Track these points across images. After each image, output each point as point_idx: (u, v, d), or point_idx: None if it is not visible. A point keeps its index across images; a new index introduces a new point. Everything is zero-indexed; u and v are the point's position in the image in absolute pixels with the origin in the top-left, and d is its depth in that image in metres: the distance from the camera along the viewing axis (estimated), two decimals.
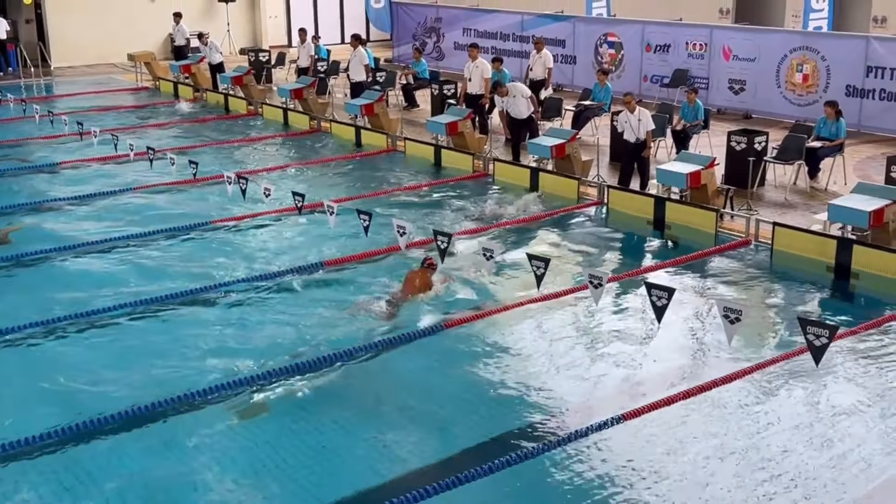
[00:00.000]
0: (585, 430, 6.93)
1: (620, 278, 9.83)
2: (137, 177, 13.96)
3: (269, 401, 7.49)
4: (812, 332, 6.40)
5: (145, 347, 8.43)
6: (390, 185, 13.83)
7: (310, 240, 11.24)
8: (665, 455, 6.75)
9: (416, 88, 19.50)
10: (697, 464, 6.62)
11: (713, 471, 6.54)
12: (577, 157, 13.54)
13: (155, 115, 19.39)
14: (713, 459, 6.67)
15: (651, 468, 6.57)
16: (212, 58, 21.46)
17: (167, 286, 9.67)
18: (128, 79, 23.32)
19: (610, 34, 20.26)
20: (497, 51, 21.60)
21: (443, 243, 8.59)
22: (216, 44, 21.85)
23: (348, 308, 9.21)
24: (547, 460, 6.62)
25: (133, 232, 11.41)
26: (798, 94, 17.05)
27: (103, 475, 6.45)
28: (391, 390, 7.75)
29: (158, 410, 7.24)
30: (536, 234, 11.53)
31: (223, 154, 15.82)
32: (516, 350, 8.42)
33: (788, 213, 11.87)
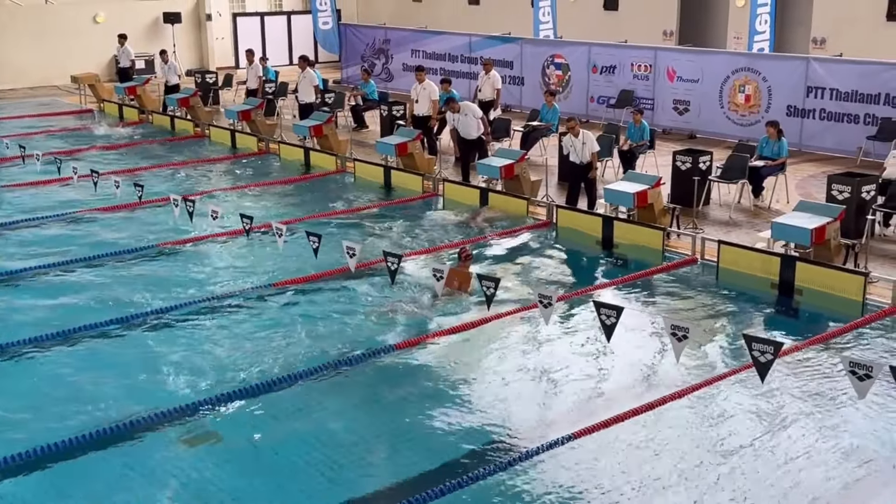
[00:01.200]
0: (536, 450, 6.93)
1: (570, 297, 9.90)
2: (82, 200, 13.71)
3: (218, 427, 7.37)
4: (757, 348, 6.50)
5: (89, 374, 8.26)
6: (340, 206, 13.78)
7: (259, 261, 11.14)
8: (615, 473, 6.78)
9: (365, 110, 19.51)
10: (647, 481, 6.66)
11: (663, 487, 6.58)
12: (526, 178, 13.63)
13: (100, 137, 19.09)
14: (663, 476, 6.71)
15: (601, 486, 6.59)
16: (170, 78, 21.23)
17: (110, 310, 9.49)
18: (72, 101, 22.96)
19: (557, 55, 20.49)
20: (446, 72, 21.71)
21: (392, 264, 8.57)
22: (176, 65, 21.65)
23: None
24: (498, 481, 6.60)
25: (77, 256, 11.19)
26: (741, 115, 17.39)
27: None
28: (341, 412, 7.68)
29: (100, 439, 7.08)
30: (486, 254, 11.56)
31: (170, 176, 15.63)
32: (467, 370, 8.41)
33: (733, 232, 12.08)
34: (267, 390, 7.88)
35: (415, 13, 28.30)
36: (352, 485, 6.58)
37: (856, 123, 15.86)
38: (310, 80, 18.62)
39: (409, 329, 9.18)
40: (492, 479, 6.60)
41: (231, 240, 11.84)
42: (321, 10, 24.99)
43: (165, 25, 26.65)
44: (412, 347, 8.77)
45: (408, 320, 9.40)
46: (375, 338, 8.97)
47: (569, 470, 6.79)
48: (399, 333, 9.07)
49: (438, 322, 9.34)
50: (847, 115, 15.97)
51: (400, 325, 9.28)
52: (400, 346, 8.75)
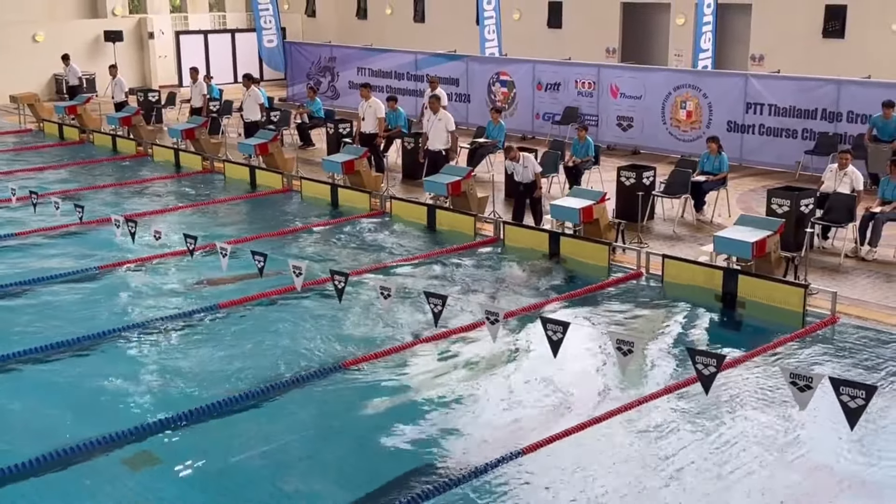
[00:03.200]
0: (484, 467, 6.92)
1: (517, 313, 9.92)
2: (20, 222, 13.41)
3: (162, 449, 7.24)
4: (701, 361, 6.58)
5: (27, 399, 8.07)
6: (286, 224, 13.68)
7: (203, 283, 10.98)
8: (561, 489, 6.79)
9: (311, 127, 19.43)
10: (592, 497, 6.68)
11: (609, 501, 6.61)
12: (473, 194, 13.68)
13: (39, 157, 18.71)
14: (608, 492, 6.74)
15: (547, 501, 6.59)
16: (116, 94, 20.93)
17: (51, 333, 9.28)
18: (10, 121, 22.50)
19: (502, 73, 20.65)
20: (392, 89, 21.75)
21: (340, 283, 8.52)
22: (123, 81, 21.34)
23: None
24: (446, 500, 6.57)
25: (15, 279, 10.92)
26: (682, 130, 17.69)
27: None
28: (287, 433, 7.58)
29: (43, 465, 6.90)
30: (434, 271, 11.56)
31: (112, 197, 15.37)
32: (414, 388, 8.37)
33: (677, 245, 12.24)
34: (214, 412, 7.77)
35: (360, 31, 28.34)
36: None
37: (794, 138, 16.23)
38: (255, 98, 18.49)
39: (356, 347, 9.12)
40: (438, 498, 6.56)
41: (175, 260, 11.67)
42: (266, 28, 24.86)
43: (107, 44, 26.29)
44: (360, 364, 8.71)
45: (355, 339, 9.34)
46: (323, 356, 8.90)
47: (515, 487, 6.78)
48: (347, 351, 9.01)
49: (386, 340, 9.30)
50: (785, 130, 16.33)
51: (347, 344, 9.22)
52: (347, 364, 8.69)
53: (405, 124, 17.29)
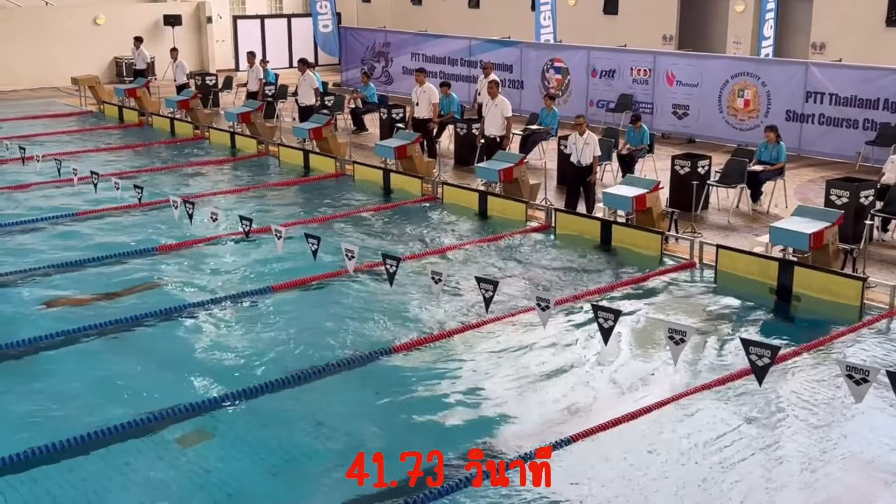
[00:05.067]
0: (531, 454, 6.93)
1: (567, 301, 9.91)
2: (81, 202, 13.73)
3: (215, 427, 7.38)
4: (754, 352, 6.50)
5: (88, 375, 8.27)
6: (339, 209, 13.80)
7: (258, 264, 11.15)
8: (611, 477, 6.79)
9: (365, 112, 19.53)
10: (640, 484, 6.66)
11: (656, 490, 6.59)
12: (525, 181, 13.65)
13: (99, 139, 19.12)
14: (657, 481, 6.72)
15: (597, 490, 6.60)
16: (178, 77, 21.26)
17: (109, 312, 9.50)
18: (71, 103, 22.99)
19: (556, 59, 20.53)
20: (445, 75, 21.76)
21: (391, 267, 8.59)
22: (184, 64, 21.67)
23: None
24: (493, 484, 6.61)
25: (76, 258, 11.20)
26: (740, 119, 17.42)
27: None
28: (337, 414, 7.67)
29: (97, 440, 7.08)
30: (485, 257, 11.58)
31: (169, 178, 15.65)
32: (464, 373, 8.41)
33: (731, 236, 12.09)
34: (265, 392, 7.89)
35: (415, 16, 28.37)
36: (348, 485, 6.58)
37: (854, 128, 15.90)
38: (309, 82, 18.64)
39: (407, 331, 9.19)
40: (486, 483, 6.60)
41: (230, 242, 11.85)
42: (321, 14, 25.03)
43: (166, 28, 26.69)
44: (410, 350, 8.78)
45: (406, 323, 9.41)
46: (374, 340, 8.98)
47: (566, 472, 6.79)
48: (397, 336, 9.08)
49: (437, 325, 9.36)
50: (846, 121, 16.00)
51: (398, 328, 9.29)
52: (398, 349, 8.76)
53: (458, 110, 17.29)
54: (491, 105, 15.15)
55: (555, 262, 11.49)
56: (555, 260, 11.59)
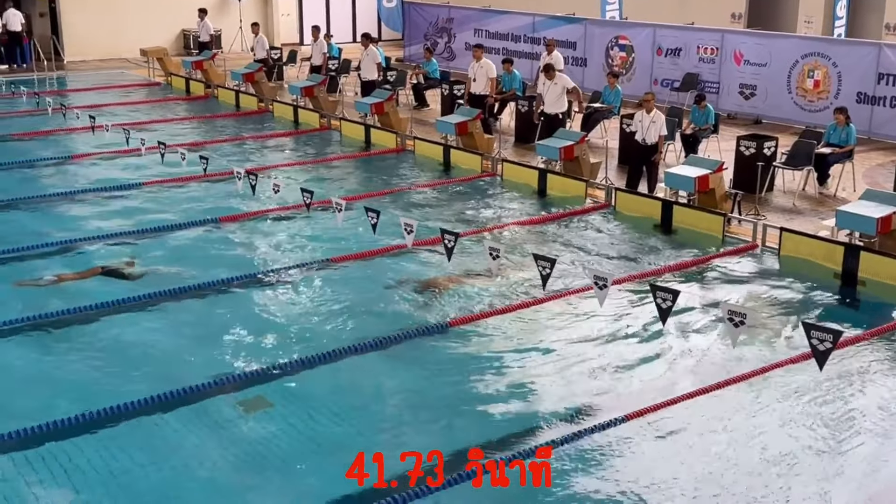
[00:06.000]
0: (589, 430, 6.95)
1: (626, 280, 9.85)
2: (148, 171, 14.04)
3: (273, 395, 7.52)
4: (816, 336, 6.41)
5: (151, 340, 8.49)
6: (398, 183, 13.87)
7: (317, 236, 11.29)
8: (664, 457, 6.76)
9: (427, 88, 19.54)
10: (694, 466, 6.63)
11: (709, 472, 6.55)
12: (586, 160, 13.55)
13: (166, 110, 19.48)
14: (711, 464, 6.68)
15: (649, 470, 6.58)
16: (259, 52, 21.49)
17: (172, 280, 9.72)
18: (140, 74, 23.43)
19: (621, 37, 20.27)
20: (508, 52, 21.64)
21: (450, 242, 8.63)
22: (265, 39, 21.87)
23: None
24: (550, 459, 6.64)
25: (142, 227, 11.47)
26: (809, 100, 17.03)
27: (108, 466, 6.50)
28: (393, 387, 7.77)
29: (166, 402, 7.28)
30: (543, 234, 11.56)
31: (233, 150, 15.89)
32: (520, 350, 8.43)
33: (796, 219, 11.87)
34: (322, 362, 8.01)
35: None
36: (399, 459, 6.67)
37: None
38: (372, 57, 18.71)
39: (463, 307, 9.24)
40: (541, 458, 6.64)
41: (291, 214, 12.01)
42: None
43: (233, 1, 26.95)
44: (466, 325, 8.83)
45: (463, 298, 9.46)
46: (430, 315, 9.05)
47: (618, 452, 6.79)
48: (454, 311, 9.14)
49: (493, 301, 9.38)
50: None
51: (455, 303, 9.34)
52: (454, 323, 8.82)
53: (520, 87, 17.21)
54: (550, 84, 14.99)
55: (613, 242, 11.41)
56: (613, 239, 11.51)
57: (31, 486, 6.24)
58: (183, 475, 6.45)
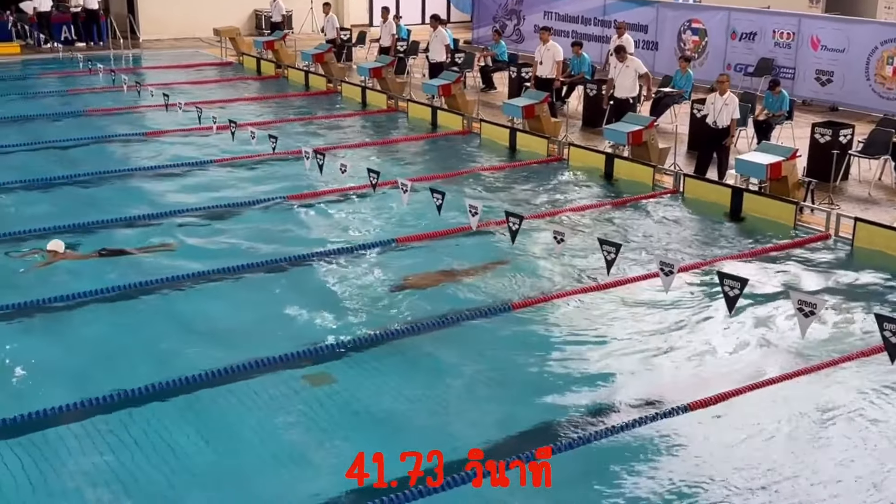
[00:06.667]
0: (651, 417, 6.90)
1: (692, 267, 9.71)
2: (219, 149, 14.29)
3: (337, 371, 7.62)
4: (889, 328, 6.24)
5: (219, 315, 8.66)
6: (464, 166, 13.87)
7: (383, 216, 11.37)
8: (727, 446, 6.68)
9: (494, 71, 19.46)
10: (756, 459, 6.53)
11: (774, 464, 6.45)
12: (654, 145, 13.37)
13: (237, 89, 19.77)
14: (772, 458, 6.57)
15: (713, 458, 6.51)
16: (329, 32, 21.66)
17: (240, 257, 9.89)
18: (212, 53, 23.79)
19: (694, 20, 19.90)
20: (577, 35, 21.41)
21: (514, 225, 8.61)
22: (335, 19, 22.04)
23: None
24: (609, 444, 6.61)
25: (212, 203, 11.69)
26: (887, 88, 16.52)
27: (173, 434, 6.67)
28: (458, 365, 7.80)
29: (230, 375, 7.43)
30: (608, 219, 11.46)
31: (302, 130, 16.06)
32: (583, 334, 8.39)
33: (871, 209, 11.56)
34: (383, 340, 8.09)
35: None
36: (461, 438, 6.69)
37: None
38: (441, 39, 18.70)
39: (527, 290, 9.22)
40: (603, 442, 6.61)
41: (358, 194, 12.11)
42: None
43: None
44: (529, 307, 8.81)
45: (525, 281, 9.44)
46: (492, 296, 9.05)
47: (680, 440, 6.73)
48: (517, 293, 9.13)
49: (557, 284, 9.35)
50: None
51: (518, 286, 9.33)
52: (516, 306, 8.81)
53: (589, 70, 17.04)
54: (621, 67, 14.81)
55: (681, 228, 11.26)
56: (681, 226, 11.35)
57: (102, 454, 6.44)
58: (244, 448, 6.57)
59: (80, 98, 18.12)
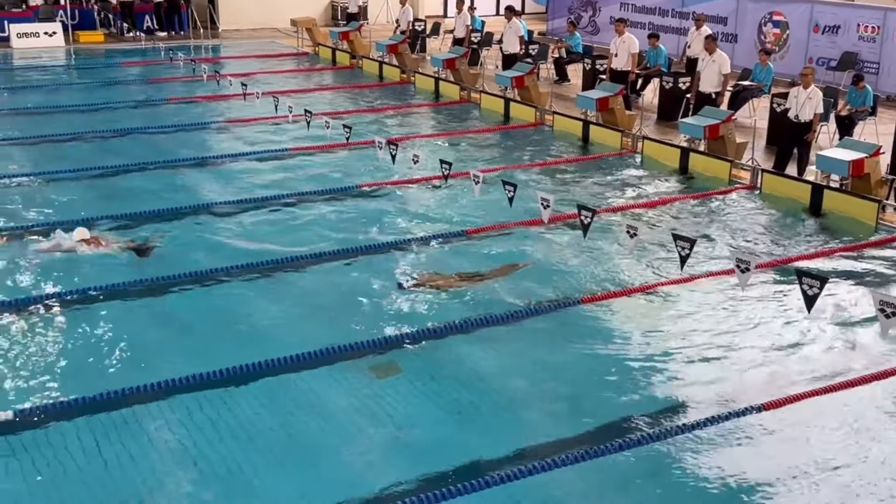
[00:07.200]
0: (723, 416, 6.79)
1: (770, 265, 9.51)
2: (294, 138, 14.48)
3: (404, 361, 7.66)
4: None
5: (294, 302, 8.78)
6: (536, 158, 13.81)
7: (454, 207, 11.39)
8: (799, 450, 6.52)
9: (569, 62, 19.31)
10: (827, 463, 6.36)
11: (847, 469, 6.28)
12: (732, 139, 13.11)
13: (313, 79, 20.00)
14: (853, 456, 6.41)
15: (784, 461, 6.37)
16: (403, 24, 21.80)
17: (314, 244, 10.01)
18: (289, 43, 24.11)
19: (776, 13, 19.43)
20: (654, 27, 21.10)
21: (586, 218, 8.55)
22: (410, 10, 22.16)
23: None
24: (679, 443, 6.52)
25: (285, 191, 11.86)
26: None
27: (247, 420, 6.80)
28: (526, 358, 7.77)
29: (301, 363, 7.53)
30: (683, 214, 11.28)
31: (375, 120, 16.18)
32: (654, 331, 8.28)
33: None
34: (452, 331, 8.10)
35: None
36: (529, 431, 6.67)
37: None
38: (515, 30, 18.63)
39: (596, 284, 9.15)
40: (675, 440, 6.53)
41: (429, 184, 12.15)
42: None
43: None
44: (598, 302, 8.74)
45: (596, 275, 9.36)
46: (562, 290, 9.00)
47: (752, 441, 6.61)
48: (587, 287, 9.06)
49: (628, 280, 9.25)
50: None
51: (588, 279, 9.26)
52: (586, 300, 8.74)
53: (665, 63, 16.78)
54: (708, 61, 14.53)
55: (758, 225, 11.03)
56: (758, 222, 11.12)
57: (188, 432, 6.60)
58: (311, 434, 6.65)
59: (160, 87, 18.55)
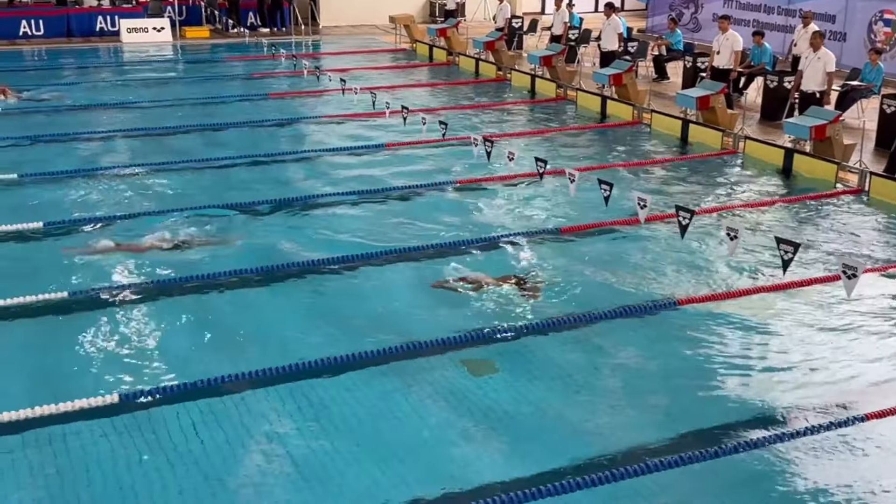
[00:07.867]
0: (824, 426, 6.58)
1: (878, 270, 9.17)
2: (390, 133, 14.64)
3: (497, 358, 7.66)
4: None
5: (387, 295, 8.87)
6: (633, 157, 13.63)
7: (549, 205, 11.34)
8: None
9: (668, 60, 18.98)
10: None
11: None
12: (839, 141, 12.68)
13: (410, 75, 20.17)
14: None
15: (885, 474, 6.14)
16: (499, 21, 21.83)
17: (407, 240, 10.08)
18: (388, 40, 24.37)
19: (887, 11, 18.69)
20: (759, 24, 20.56)
21: (684, 219, 8.39)
22: (507, 7, 22.21)
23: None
24: (776, 453, 6.35)
25: (380, 186, 11.99)
26: None
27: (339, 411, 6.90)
28: (620, 360, 7.68)
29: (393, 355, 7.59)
30: (786, 217, 10.98)
31: (471, 117, 16.22)
32: (752, 335, 8.08)
33: None
34: (546, 330, 8.06)
35: None
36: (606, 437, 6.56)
37: None
38: (614, 27, 18.42)
39: (694, 286, 8.98)
40: (769, 450, 6.36)
41: (524, 182, 12.12)
42: None
43: None
44: (695, 304, 8.57)
45: (693, 277, 9.19)
46: (658, 291, 8.86)
47: (855, 450, 6.39)
48: (683, 289, 8.90)
49: (727, 283, 9.05)
50: None
51: (684, 281, 9.10)
52: (682, 302, 8.59)
53: (770, 61, 16.34)
54: (813, 58, 14.10)
55: (865, 230, 10.65)
56: (865, 227, 10.74)
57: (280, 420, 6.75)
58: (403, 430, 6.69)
59: (263, 82, 19.00)
